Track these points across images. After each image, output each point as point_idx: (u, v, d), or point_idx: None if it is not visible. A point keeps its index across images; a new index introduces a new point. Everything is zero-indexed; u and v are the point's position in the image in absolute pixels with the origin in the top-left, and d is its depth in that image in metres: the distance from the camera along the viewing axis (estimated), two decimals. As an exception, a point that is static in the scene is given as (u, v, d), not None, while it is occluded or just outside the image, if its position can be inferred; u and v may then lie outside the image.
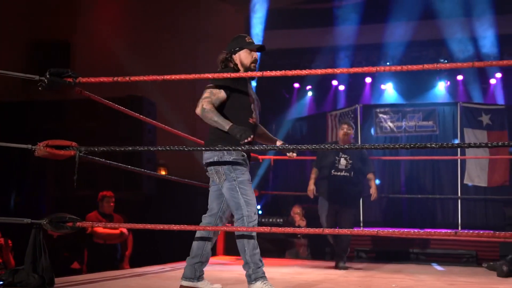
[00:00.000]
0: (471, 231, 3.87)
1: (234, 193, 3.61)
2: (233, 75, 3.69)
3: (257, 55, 3.90)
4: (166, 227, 3.63)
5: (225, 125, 3.58)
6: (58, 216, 3.64)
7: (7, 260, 6.05)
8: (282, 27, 11.79)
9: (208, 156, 3.70)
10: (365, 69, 3.96)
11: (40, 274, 3.49)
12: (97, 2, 10.09)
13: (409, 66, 3.67)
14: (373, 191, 6.46)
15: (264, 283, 3.52)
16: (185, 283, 3.75)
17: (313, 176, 6.61)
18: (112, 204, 7.05)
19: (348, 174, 6.31)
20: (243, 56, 3.83)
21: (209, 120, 3.63)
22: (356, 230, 5.38)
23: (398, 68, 3.75)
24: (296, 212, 8.33)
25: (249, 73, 3.81)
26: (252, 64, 3.85)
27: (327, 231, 4.17)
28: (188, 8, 11.18)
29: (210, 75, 3.68)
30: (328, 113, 10.76)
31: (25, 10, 9.20)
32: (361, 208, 9.43)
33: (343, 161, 6.31)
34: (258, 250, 3.63)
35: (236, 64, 3.84)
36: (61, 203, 7.68)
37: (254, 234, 3.62)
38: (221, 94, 3.69)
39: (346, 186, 6.31)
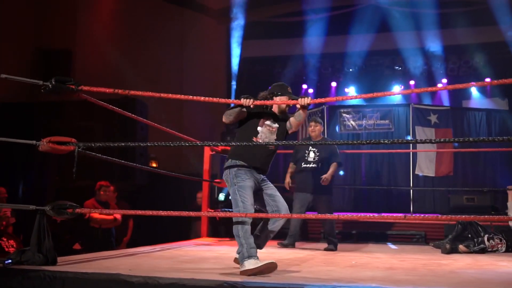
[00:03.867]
0: (418, 215, 3.98)
1: (234, 195, 3.83)
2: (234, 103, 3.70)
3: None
4: (155, 213, 3.67)
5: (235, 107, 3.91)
6: (60, 203, 3.65)
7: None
8: (258, 37, 11.85)
9: (225, 165, 4.02)
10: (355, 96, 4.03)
11: (44, 254, 3.50)
12: (94, 14, 10.01)
13: (379, 93, 3.84)
14: (325, 176, 6.18)
15: (257, 261, 3.50)
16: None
17: (289, 170, 6.57)
18: (108, 193, 7.03)
19: (316, 166, 6.25)
20: (282, 100, 4.08)
21: (227, 116, 3.93)
22: (319, 215, 5.41)
23: (370, 95, 3.98)
24: (200, 197, 8.24)
25: (239, 101, 3.91)
26: (286, 108, 4.15)
27: (295, 216, 4.22)
28: (174, 21, 11.16)
29: (201, 98, 3.93)
30: (299, 113, 10.83)
31: (31, 20, 9.10)
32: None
33: (311, 154, 6.28)
34: (252, 238, 3.69)
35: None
36: (62, 193, 7.63)
37: (249, 223, 3.71)
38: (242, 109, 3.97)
39: (316, 176, 6.23)
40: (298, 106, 4.01)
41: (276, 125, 4.09)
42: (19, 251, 3.55)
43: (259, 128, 4.02)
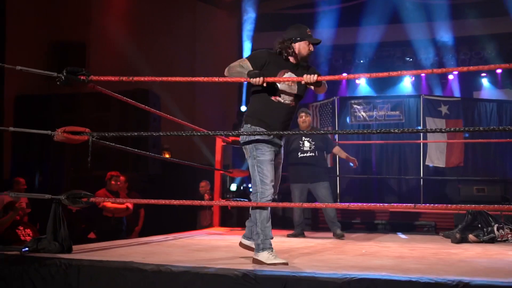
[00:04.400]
0: (428, 205, 3.96)
1: (253, 170, 3.53)
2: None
3: (313, 47, 3.67)
4: (167, 202, 3.69)
5: (245, 72, 3.47)
6: (74, 193, 3.68)
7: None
8: (269, 29, 11.80)
9: (242, 136, 3.63)
10: (337, 77, 4.00)
11: (60, 242, 3.53)
12: (108, 7, 10.04)
13: (378, 74, 3.75)
14: (349, 159, 6.49)
15: (270, 253, 3.41)
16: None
17: None
18: (119, 183, 7.09)
19: (313, 154, 6.28)
20: (302, 46, 3.62)
21: (233, 72, 3.54)
22: (330, 204, 5.41)
23: (367, 75, 3.84)
24: (203, 186, 8.30)
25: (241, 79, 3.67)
26: (308, 55, 3.66)
27: (305, 205, 4.21)
28: (186, 14, 11.15)
29: (201, 79, 3.73)
30: (310, 104, 10.81)
31: (46, 14, 9.14)
32: (338, 186, 9.54)
33: (306, 144, 6.33)
34: (269, 224, 3.52)
35: (294, 52, 3.63)
36: (77, 183, 7.71)
37: (267, 208, 3.52)
38: (248, 64, 3.54)
39: (314, 164, 6.27)
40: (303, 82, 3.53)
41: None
42: (36, 239, 3.59)
43: (279, 85, 3.55)
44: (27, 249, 3.44)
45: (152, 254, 3.79)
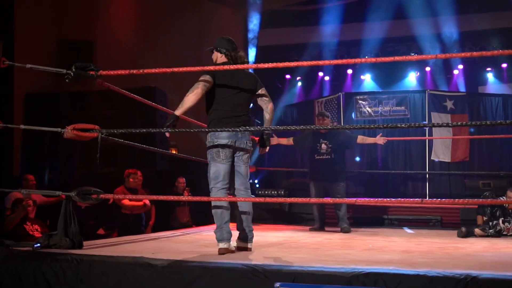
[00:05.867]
0: (435, 199, 3.96)
1: (208, 168, 3.87)
2: (232, 67, 3.72)
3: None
4: (176, 198, 3.71)
5: (176, 111, 3.80)
6: (84, 189, 3.71)
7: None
8: (274, 26, 11.79)
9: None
10: (344, 61, 4.01)
11: (71, 238, 3.56)
12: (115, 5, 10.05)
13: (383, 58, 3.72)
14: (376, 140, 6.57)
15: (227, 244, 3.69)
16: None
17: (285, 139, 6.77)
18: (136, 180, 7.11)
19: (329, 157, 6.44)
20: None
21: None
22: (337, 200, 5.41)
23: (373, 60, 3.81)
24: (181, 182, 8.29)
25: (245, 65, 3.84)
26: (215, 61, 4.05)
27: (313, 200, 4.22)
28: (191, 12, 11.14)
29: (208, 68, 3.73)
30: (315, 100, 10.80)
31: (53, 13, 9.15)
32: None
33: (323, 146, 6.46)
34: (227, 218, 3.78)
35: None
36: (87, 179, 7.73)
37: (220, 204, 3.77)
38: (207, 78, 3.80)
39: (330, 166, 6.43)
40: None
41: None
42: (47, 235, 3.62)
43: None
44: (39, 245, 3.47)
45: (162, 250, 3.81)
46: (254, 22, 11.66)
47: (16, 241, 3.76)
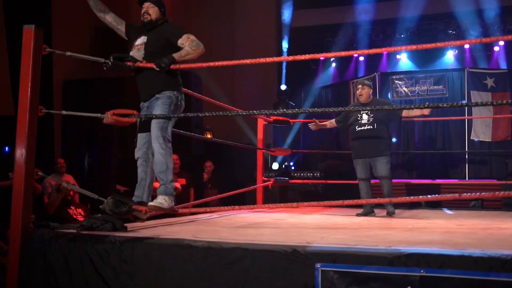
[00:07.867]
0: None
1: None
2: (282, 58, 3.70)
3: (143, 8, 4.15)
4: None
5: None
6: (119, 198, 3.71)
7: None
8: (308, 7, 11.64)
9: None
10: (383, 49, 3.92)
11: (112, 221, 3.63)
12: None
13: (423, 45, 3.57)
14: (423, 111, 5.90)
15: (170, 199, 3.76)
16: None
17: (327, 122, 6.48)
18: (175, 164, 7.20)
19: (371, 127, 5.94)
20: None
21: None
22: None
23: (414, 47, 3.71)
24: (207, 165, 8.33)
25: (284, 58, 3.83)
26: (146, 17, 4.15)
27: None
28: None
29: (248, 61, 3.75)
30: (350, 81, 10.67)
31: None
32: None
33: (365, 116, 6.00)
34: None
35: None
36: (124, 164, 7.88)
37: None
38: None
39: (373, 137, 5.93)
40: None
41: (142, 40, 3.98)
42: (89, 218, 3.70)
43: (131, 53, 3.94)
44: (82, 227, 3.56)
45: (201, 231, 3.85)
46: (287, 3, 11.55)
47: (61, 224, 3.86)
